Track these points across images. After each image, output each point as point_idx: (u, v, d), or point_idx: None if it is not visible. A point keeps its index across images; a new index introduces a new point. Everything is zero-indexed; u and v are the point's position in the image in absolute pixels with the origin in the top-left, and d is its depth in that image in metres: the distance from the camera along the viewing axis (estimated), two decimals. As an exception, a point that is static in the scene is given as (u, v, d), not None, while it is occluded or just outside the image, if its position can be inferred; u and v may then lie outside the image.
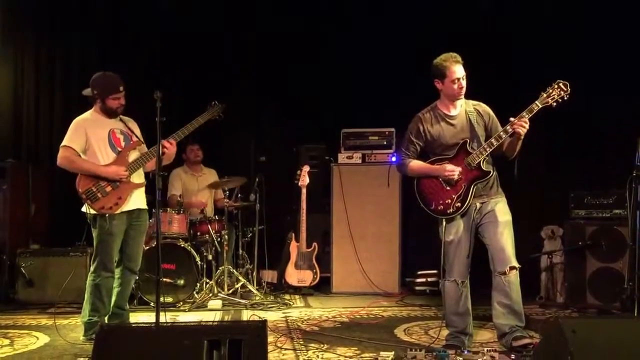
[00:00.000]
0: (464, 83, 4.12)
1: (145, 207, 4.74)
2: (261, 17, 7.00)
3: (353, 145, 6.81)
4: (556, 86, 3.97)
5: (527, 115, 3.98)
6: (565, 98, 3.95)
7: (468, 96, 4.24)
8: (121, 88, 4.56)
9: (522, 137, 4.04)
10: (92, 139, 4.52)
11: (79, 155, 4.51)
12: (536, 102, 3.98)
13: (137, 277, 4.98)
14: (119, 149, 4.57)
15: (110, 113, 4.59)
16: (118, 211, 4.48)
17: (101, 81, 4.56)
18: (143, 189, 4.70)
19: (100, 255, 4.51)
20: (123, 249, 4.60)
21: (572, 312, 5.49)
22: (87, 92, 4.59)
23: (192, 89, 6.80)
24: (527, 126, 3.97)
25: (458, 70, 4.09)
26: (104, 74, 4.58)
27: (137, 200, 4.63)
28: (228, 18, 7.01)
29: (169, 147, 4.54)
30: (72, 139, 4.51)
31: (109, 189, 4.47)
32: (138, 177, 4.65)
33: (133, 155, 4.62)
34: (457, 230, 4.15)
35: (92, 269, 4.55)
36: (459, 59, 4.11)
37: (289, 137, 7.26)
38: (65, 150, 4.49)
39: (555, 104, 3.96)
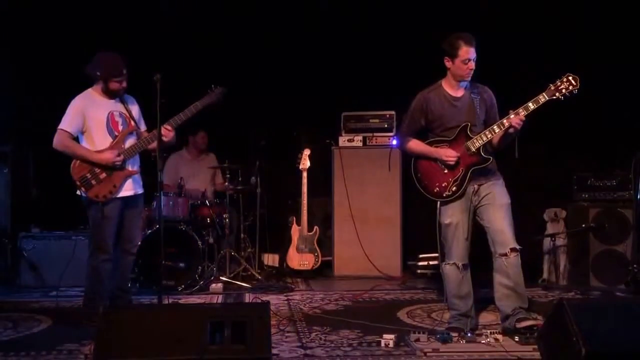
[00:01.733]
0: (473, 65, 4.07)
1: (142, 191, 4.70)
2: (258, 1, 6.94)
3: (354, 128, 6.78)
4: (565, 79, 3.91)
5: (523, 112, 3.93)
6: (575, 92, 3.89)
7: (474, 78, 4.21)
8: (124, 71, 4.50)
9: (516, 134, 4.01)
10: (90, 121, 4.48)
11: (75, 139, 4.48)
12: (543, 94, 3.93)
13: (135, 258, 4.94)
14: (116, 134, 4.53)
15: (111, 94, 4.54)
16: (112, 197, 4.46)
17: (104, 62, 4.49)
18: (139, 174, 4.67)
19: (96, 239, 4.50)
20: (119, 231, 4.58)
21: (576, 294, 5.48)
22: (90, 69, 4.52)
23: (192, 73, 6.75)
24: (522, 123, 3.94)
25: (470, 51, 4.04)
26: (107, 55, 4.52)
27: (133, 185, 4.59)
28: (229, 2, 6.95)
29: (167, 133, 4.46)
30: (68, 122, 4.46)
31: (103, 175, 4.43)
32: (133, 164, 4.62)
33: (129, 141, 4.57)
34: (454, 213, 4.13)
35: (89, 252, 4.55)
36: (473, 40, 4.06)
37: (290, 121, 7.22)
38: (61, 134, 4.44)
39: (563, 97, 3.90)
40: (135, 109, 4.68)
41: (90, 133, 4.49)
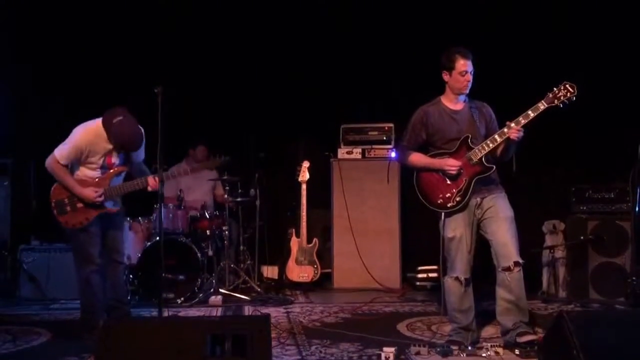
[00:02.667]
0: (470, 77, 4.12)
1: (119, 207, 4.68)
2: (260, 12, 6.97)
3: (353, 140, 6.81)
4: (562, 87, 3.95)
5: (523, 120, 3.96)
6: (573, 100, 3.94)
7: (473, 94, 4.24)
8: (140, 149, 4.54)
9: (516, 144, 4.04)
10: (87, 157, 4.48)
11: (67, 166, 4.48)
12: (542, 101, 3.97)
13: (126, 267, 4.93)
14: (108, 169, 4.54)
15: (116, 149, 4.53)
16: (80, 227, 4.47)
17: (121, 140, 4.41)
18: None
19: (80, 253, 4.52)
20: (104, 242, 4.59)
21: (575, 306, 5.48)
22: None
23: (192, 86, 6.78)
24: (521, 134, 3.97)
25: (467, 64, 4.10)
26: (128, 137, 4.41)
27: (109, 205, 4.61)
28: (228, 13, 6.98)
29: (153, 184, 4.46)
30: (66, 154, 4.44)
31: (79, 205, 4.46)
32: (115, 202, 4.62)
33: (116, 180, 4.58)
34: (457, 226, 4.13)
35: (76, 266, 4.56)
36: (469, 53, 4.12)
37: (289, 133, 7.25)
38: (54, 162, 4.45)
39: (561, 105, 3.95)
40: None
41: (84, 163, 4.50)
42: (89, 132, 4.47)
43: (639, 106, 5.92)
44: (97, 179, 4.51)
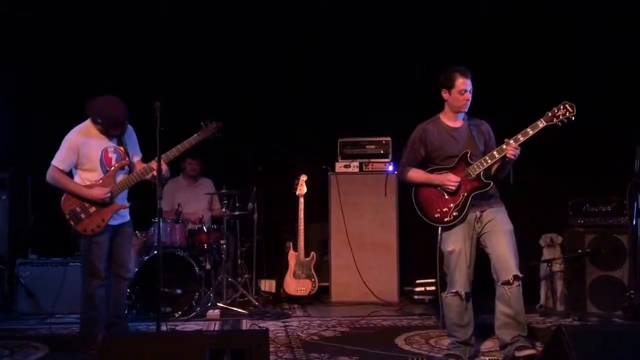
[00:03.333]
0: (470, 96, 4.15)
1: (129, 218, 4.73)
2: (257, 23, 7.00)
3: (350, 154, 6.83)
4: (562, 107, 3.98)
5: (522, 138, 3.98)
6: (572, 119, 3.97)
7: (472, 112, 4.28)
8: (125, 121, 4.54)
9: (512, 162, 4.08)
10: (84, 157, 4.50)
11: (68, 173, 4.51)
12: (541, 119, 4.00)
13: (129, 283, 4.92)
14: (108, 168, 4.56)
15: (109, 135, 4.57)
16: (99, 231, 4.49)
17: (106, 111, 4.46)
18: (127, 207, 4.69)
19: (88, 266, 4.53)
20: (111, 256, 4.60)
21: (573, 320, 5.49)
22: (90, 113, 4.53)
23: (190, 99, 6.80)
24: (517, 152, 4.00)
25: (466, 82, 4.13)
26: (109, 103, 4.47)
27: (120, 216, 4.63)
28: (225, 25, 7.01)
29: (156, 166, 4.44)
30: (62, 158, 4.48)
31: (92, 209, 4.48)
32: (123, 198, 4.65)
33: (120, 176, 4.60)
34: (456, 240, 4.13)
35: (82, 279, 4.56)
36: (468, 72, 4.15)
37: (286, 147, 7.27)
38: (54, 170, 4.48)
39: (560, 124, 3.98)
40: (131, 139, 4.71)
41: (83, 167, 4.53)
42: (79, 130, 4.54)
43: (636, 120, 5.95)
44: (101, 180, 4.53)
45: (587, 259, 5.53)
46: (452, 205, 4.13)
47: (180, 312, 5.72)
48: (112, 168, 4.57)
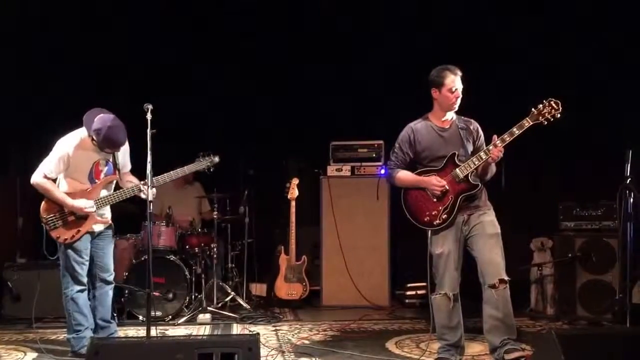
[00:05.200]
0: (460, 94, 4.15)
1: (109, 222, 4.68)
2: (249, 28, 7.00)
3: (342, 157, 6.81)
4: (547, 104, 3.98)
5: (509, 138, 3.98)
6: (558, 117, 3.97)
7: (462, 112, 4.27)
8: (121, 148, 4.49)
9: (494, 162, 4.09)
10: (74, 167, 4.47)
11: (54, 180, 4.47)
12: (527, 118, 4.00)
13: (114, 287, 4.89)
14: (97, 180, 4.53)
15: (103, 150, 4.52)
16: (72, 240, 4.45)
17: (105, 136, 4.36)
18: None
19: (68, 271, 4.50)
20: (93, 260, 4.57)
21: (563, 324, 5.50)
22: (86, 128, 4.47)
23: (183, 105, 6.78)
24: (501, 154, 4.00)
25: (456, 80, 4.13)
26: (110, 129, 4.36)
27: (99, 226, 4.59)
28: (217, 29, 7.00)
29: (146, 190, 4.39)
30: (51, 167, 4.43)
31: (71, 218, 4.45)
32: (104, 211, 4.61)
33: (105, 191, 4.57)
34: (445, 242, 4.14)
35: (63, 285, 4.53)
36: (458, 71, 4.16)
37: (278, 150, 7.26)
38: (41, 177, 4.43)
39: (546, 122, 3.98)
40: (123, 149, 4.64)
41: (71, 175, 4.49)
42: (70, 138, 4.49)
43: (626, 123, 5.98)
44: (87, 190, 4.49)
45: (577, 263, 5.54)
46: (440, 208, 4.13)
47: (170, 317, 5.70)
48: (100, 182, 4.54)
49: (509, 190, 6.52)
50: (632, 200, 4.78)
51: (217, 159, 4.76)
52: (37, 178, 4.45)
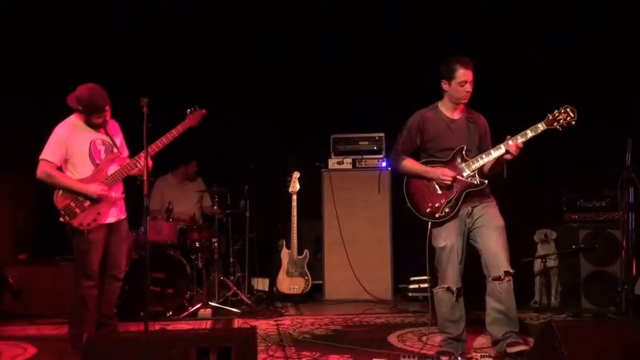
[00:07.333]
0: (470, 88, 4.08)
1: (124, 215, 4.66)
2: (249, 21, 6.95)
3: (343, 150, 6.79)
4: (563, 110, 3.93)
5: (522, 139, 3.94)
6: (572, 124, 3.93)
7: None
8: (106, 107, 4.46)
9: (505, 162, 4.05)
10: (73, 150, 4.44)
11: (59, 168, 4.45)
12: (542, 122, 3.95)
13: (122, 284, 4.87)
14: (98, 162, 4.50)
15: (93, 126, 4.51)
16: (96, 225, 4.43)
17: (86, 97, 4.40)
18: (122, 199, 4.63)
19: (81, 266, 4.45)
20: (105, 256, 4.53)
21: (567, 316, 5.47)
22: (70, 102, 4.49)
23: (179, 97, 6.72)
24: (519, 151, 3.95)
25: (467, 74, 4.05)
26: (89, 90, 4.41)
27: (116, 211, 4.57)
28: (218, 24, 6.96)
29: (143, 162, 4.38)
30: (51, 152, 4.42)
31: (87, 203, 4.40)
32: (117, 189, 4.58)
33: (111, 168, 4.54)
34: (448, 235, 4.08)
35: (75, 280, 4.49)
36: (470, 63, 4.08)
37: (279, 144, 7.22)
38: (44, 164, 4.41)
39: (560, 128, 3.93)
40: (118, 136, 4.64)
41: (73, 161, 4.46)
42: (63, 123, 4.50)
43: (628, 114, 5.92)
44: (93, 173, 4.45)
45: (581, 255, 5.50)
46: (444, 200, 4.08)
47: (171, 312, 5.68)
48: (102, 161, 4.51)
49: (513, 182, 6.46)
50: (632, 190, 4.74)
51: (204, 110, 4.77)
52: (41, 168, 4.41)
